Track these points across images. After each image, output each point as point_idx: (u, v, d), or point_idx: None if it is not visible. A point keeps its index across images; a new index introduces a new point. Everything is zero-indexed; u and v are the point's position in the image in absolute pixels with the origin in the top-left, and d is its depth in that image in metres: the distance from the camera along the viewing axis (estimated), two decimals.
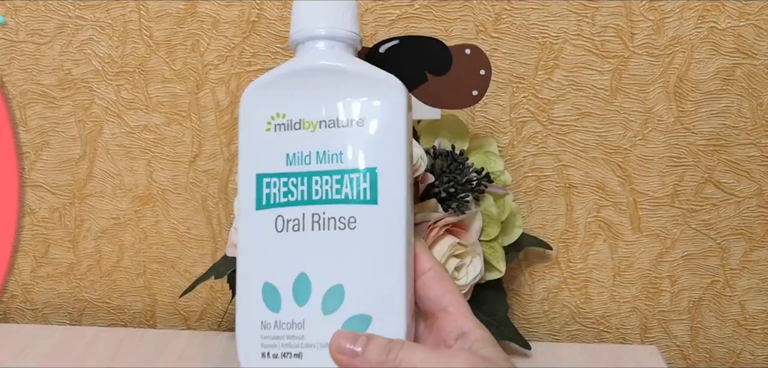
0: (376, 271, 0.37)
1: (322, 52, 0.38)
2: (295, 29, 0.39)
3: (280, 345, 0.37)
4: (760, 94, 0.59)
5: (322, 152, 0.37)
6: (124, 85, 0.63)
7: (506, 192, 0.55)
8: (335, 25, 0.38)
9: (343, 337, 0.36)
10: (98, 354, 0.60)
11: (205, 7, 0.60)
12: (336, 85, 0.38)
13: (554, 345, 0.63)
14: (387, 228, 0.37)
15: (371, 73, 0.38)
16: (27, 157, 0.65)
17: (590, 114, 0.60)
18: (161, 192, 0.65)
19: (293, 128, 0.38)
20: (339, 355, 0.35)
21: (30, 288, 0.68)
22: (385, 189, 0.37)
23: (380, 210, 0.37)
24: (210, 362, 0.59)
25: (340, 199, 0.37)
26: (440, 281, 0.38)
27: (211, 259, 0.66)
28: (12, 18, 0.62)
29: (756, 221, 0.62)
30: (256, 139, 0.38)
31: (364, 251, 0.37)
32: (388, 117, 0.37)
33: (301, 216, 0.37)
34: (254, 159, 0.38)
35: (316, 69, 0.38)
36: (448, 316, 0.37)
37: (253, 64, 0.61)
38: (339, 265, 0.37)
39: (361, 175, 0.37)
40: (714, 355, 0.65)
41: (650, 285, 0.63)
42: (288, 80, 0.38)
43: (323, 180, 0.37)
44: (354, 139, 0.37)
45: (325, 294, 0.37)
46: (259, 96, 0.39)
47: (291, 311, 0.37)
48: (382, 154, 0.37)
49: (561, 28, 0.59)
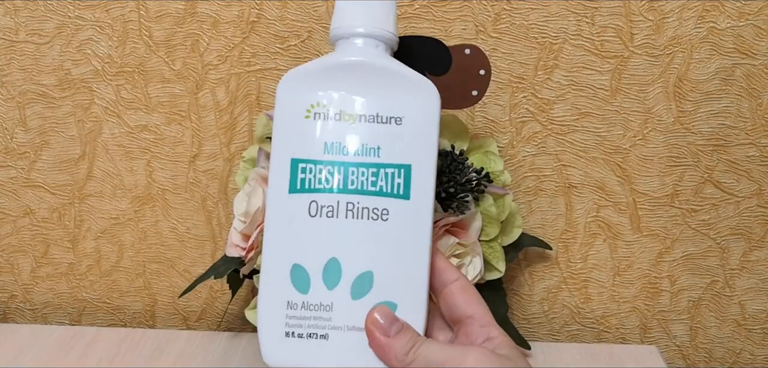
0: (404, 262, 0.39)
1: (362, 49, 0.40)
2: (336, 25, 0.41)
3: (306, 325, 0.38)
4: (760, 94, 0.59)
5: (361, 145, 0.39)
6: (124, 85, 0.63)
7: (506, 192, 0.55)
8: (377, 25, 0.40)
9: (382, 313, 0.38)
10: (98, 355, 0.60)
11: (204, 7, 0.60)
12: (376, 82, 0.39)
13: (554, 345, 0.63)
14: (417, 222, 0.39)
15: (409, 74, 0.40)
16: (26, 156, 0.65)
17: (590, 114, 0.60)
18: (161, 193, 0.65)
19: (333, 119, 0.39)
20: (371, 326, 0.37)
21: (29, 288, 0.68)
22: (417, 185, 0.39)
23: (412, 205, 0.39)
24: (209, 362, 0.59)
25: (374, 191, 0.39)
26: (466, 291, 0.40)
27: (210, 259, 0.66)
28: (11, 18, 0.62)
29: (756, 221, 0.62)
30: (293, 125, 0.39)
31: (395, 242, 0.39)
32: (423, 117, 0.39)
33: (336, 204, 0.39)
34: (291, 144, 0.39)
35: (358, 65, 0.40)
36: (475, 323, 0.39)
37: (253, 64, 0.61)
38: (370, 253, 0.39)
39: (396, 171, 0.39)
40: (713, 355, 0.65)
41: (650, 285, 0.63)
42: (330, 72, 0.40)
43: (359, 172, 0.39)
44: (391, 135, 0.39)
45: (355, 279, 0.38)
46: (300, 84, 0.40)
47: (320, 293, 0.38)
48: (416, 152, 0.39)
49: (560, 28, 0.59)
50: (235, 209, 0.55)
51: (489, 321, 0.39)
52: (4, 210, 0.66)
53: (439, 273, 0.40)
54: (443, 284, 0.40)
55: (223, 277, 0.58)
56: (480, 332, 0.38)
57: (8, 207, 0.66)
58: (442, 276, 0.40)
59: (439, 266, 0.40)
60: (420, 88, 0.40)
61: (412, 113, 0.39)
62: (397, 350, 0.37)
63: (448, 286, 0.40)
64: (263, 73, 0.61)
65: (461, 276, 0.40)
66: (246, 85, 0.62)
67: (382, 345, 0.37)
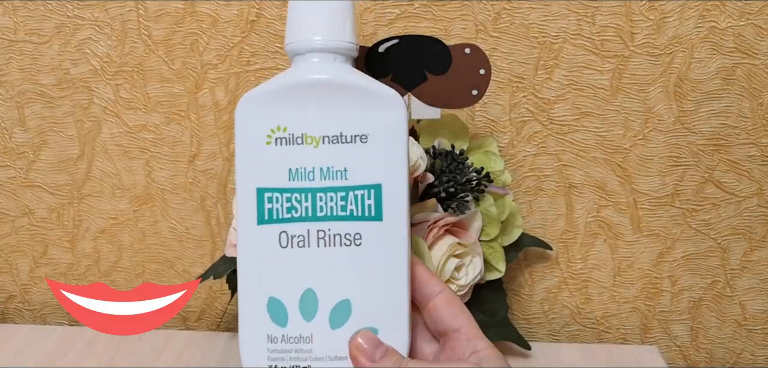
0: (381, 286, 0.38)
1: (321, 65, 0.38)
2: (291, 39, 0.39)
3: (288, 358, 0.38)
4: (761, 93, 0.59)
5: (327, 168, 0.38)
6: (123, 85, 0.62)
7: (506, 192, 0.55)
8: (334, 37, 0.38)
9: (366, 338, 0.37)
10: (97, 355, 0.60)
11: (204, 6, 0.60)
12: (338, 100, 0.38)
13: (554, 345, 0.63)
14: (392, 243, 0.38)
15: (372, 87, 0.38)
16: (25, 156, 0.65)
17: (590, 114, 0.60)
18: (160, 192, 0.65)
19: (295, 143, 0.38)
20: (356, 353, 0.37)
21: (28, 288, 0.68)
22: (389, 205, 0.38)
23: (385, 226, 0.38)
24: (209, 362, 0.59)
25: (345, 216, 0.37)
26: (451, 304, 0.39)
27: (210, 259, 0.66)
28: (10, 17, 0.62)
29: (756, 221, 0.62)
30: (255, 152, 0.38)
31: (370, 267, 0.38)
32: (390, 132, 0.38)
33: (306, 233, 0.37)
34: (254, 172, 0.38)
35: (317, 83, 0.38)
36: (461, 336, 0.38)
37: (252, 63, 0.61)
38: (346, 281, 0.38)
39: (366, 192, 0.37)
40: (714, 355, 0.65)
41: (650, 286, 0.63)
42: (288, 93, 0.38)
43: (328, 196, 0.37)
44: (358, 154, 0.37)
45: (333, 309, 0.38)
46: (258, 107, 0.38)
47: (298, 325, 0.38)
48: (385, 169, 0.38)
49: (561, 27, 0.58)
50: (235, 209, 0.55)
51: (475, 334, 0.38)
52: (2, 210, 0.66)
53: (422, 286, 0.39)
54: (427, 297, 0.39)
55: (223, 277, 0.58)
56: (466, 345, 0.37)
57: (7, 208, 0.66)
58: (425, 288, 0.39)
59: (422, 278, 0.39)
60: (384, 100, 0.38)
61: (377, 129, 0.37)
62: None
63: (433, 299, 0.39)
64: (263, 72, 0.61)
65: (445, 288, 0.39)
66: (245, 84, 0.61)
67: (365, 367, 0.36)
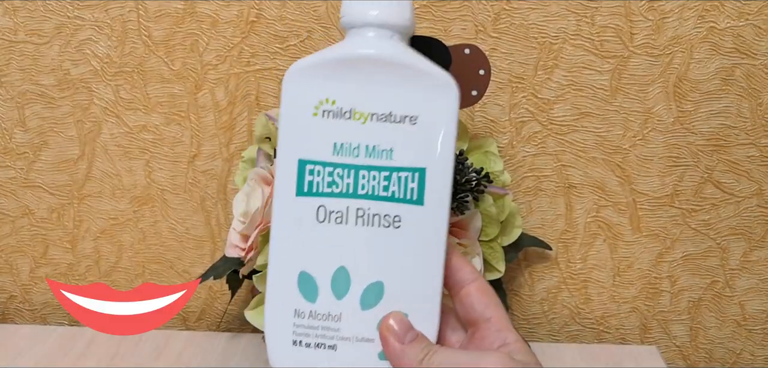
0: (416, 272, 0.37)
1: (375, 40, 0.37)
2: (347, 11, 0.37)
3: (314, 335, 0.37)
4: (760, 94, 0.59)
5: (372, 146, 0.37)
6: (123, 85, 0.62)
7: (506, 192, 0.55)
8: (391, 13, 0.37)
9: (397, 320, 0.37)
10: (97, 355, 0.60)
11: (203, 6, 0.60)
12: (390, 78, 0.36)
13: (554, 345, 0.63)
14: (431, 230, 0.37)
15: (425, 68, 0.37)
16: (26, 157, 0.65)
17: (590, 114, 0.60)
18: (160, 193, 0.65)
19: (343, 117, 0.37)
20: (386, 332, 0.36)
21: (28, 288, 0.68)
22: (432, 190, 0.37)
23: (426, 211, 0.37)
24: (209, 362, 0.59)
25: (386, 197, 0.37)
26: (484, 293, 0.38)
27: (210, 260, 0.66)
28: (10, 18, 0.62)
29: (756, 221, 0.62)
30: (300, 123, 0.37)
31: (407, 251, 0.37)
32: (440, 116, 0.37)
33: (345, 209, 0.37)
34: (297, 143, 0.37)
35: (370, 58, 0.37)
36: (491, 326, 0.37)
37: (253, 63, 0.61)
38: (380, 263, 0.37)
39: (410, 175, 0.37)
40: (714, 355, 0.65)
41: (650, 286, 0.63)
42: (339, 65, 0.37)
43: (371, 175, 0.36)
44: (405, 136, 0.36)
45: (365, 289, 0.37)
46: (307, 77, 0.37)
47: (328, 303, 0.37)
48: (431, 154, 0.37)
49: (560, 28, 0.59)
50: (235, 209, 0.55)
51: (505, 325, 0.37)
52: (3, 211, 0.66)
53: (456, 272, 0.38)
54: (460, 284, 0.38)
55: (223, 278, 0.58)
56: (496, 336, 0.37)
57: (7, 208, 0.66)
58: (458, 275, 0.38)
59: (456, 265, 0.38)
60: (437, 83, 0.37)
61: (428, 111, 0.36)
62: (410, 357, 0.36)
63: (466, 287, 0.38)
64: (263, 73, 0.61)
65: (479, 277, 0.39)
66: (245, 85, 0.62)
67: (396, 351, 0.36)
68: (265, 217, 0.50)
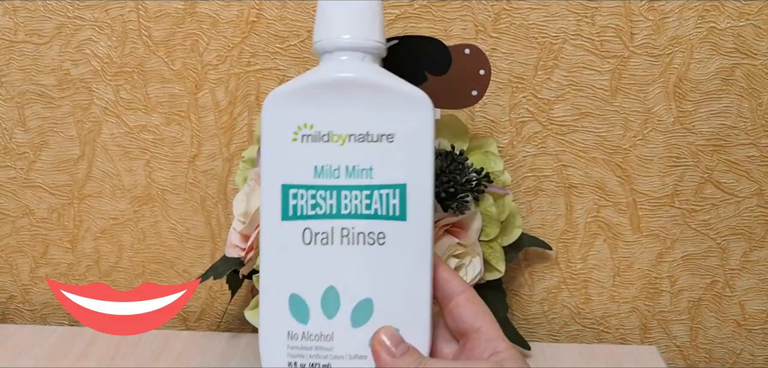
0: (404, 286, 0.38)
1: (349, 63, 0.38)
2: (320, 37, 0.38)
3: (308, 355, 0.38)
4: (760, 94, 0.59)
5: (352, 166, 0.37)
6: (123, 85, 0.62)
7: (506, 192, 0.55)
8: (362, 36, 0.38)
9: (388, 334, 0.37)
10: (97, 355, 0.60)
11: (204, 6, 0.60)
12: (365, 99, 0.37)
13: (554, 345, 0.63)
14: (415, 244, 0.38)
15: (400, 87, 0.38)
16: (26, 157, 0.65)
17: (590, 114, 0.60)
18: (160, 193, 0.65)
19: (321, 140, 0.38)
20: (378, 347, 0.37)
21: (28, 288, 0.68)
22: (414, 205, 0.37)
23: (409, 226, 0.37)
24: (209, 363, 0.59)
25: (369, 215, 0.37)
26: (473, 304, 0.39)
27: (210, 260, 0.66)
28: (10, 18, 0.62)
29: (756, 221, 0.62)
30: (281, 148, 0.38)
31: (393, 266, 0.37)
32: (417, 133, 0.38)
33: (330, 230, 0.37)
34: (280, 169, 0.38)
35: (344, 81, 0.38)
36: (481, 336, 0.38)
37: (253, 64, 0.61)
38: (368, 280, 0.38)
39: (391, 191, 0.37)
40: (714, 355, 0.65)
41: (650, 286, 0.63)
42: (316, 90, 0.38)
43: (353, 194, 0.37)
44: (383, 154, 0.37)
45: (355, 307, 0.38)
46: (285, 104, 0.38)
47: (319, 323, 0.38)
48: (411, 170, 0.38)
49: (560, 28, 0.59)
50: (235, 209, 0.55)
51: (496, 335, 0.38)
52: (3, 211, 0.66)
53: (444, 285, 0.39)
54: (449, 297, 0.39)
55: (223, 278, 0.58)
56: (486, 346, 0.37)
57: (7, 208, 0.66)
58: (447, 287, 0.39)
59: (444, 277, 0.39)
60: (411, 101, 0.38)
61: (404, 129, 0.37)
62: None
63: (454, 298, 0.39)
64: (263, 73, 0.61)
65: (467, 288, 0.39)
66: (245, 85, 0.62)
67: (388, 365, 0.36)
68: None
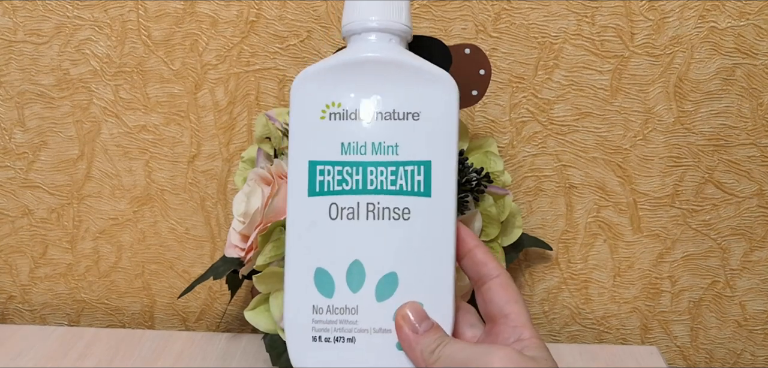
0: (428, 261, 0.38)
1: (376, 44, 0.39)
2: (348, 20, 0.40)
3: (333, 329, 0.38)
4: (761, 94, 0.59)
5: (378, 143, 0.38)
6: (123, 85, 0.62)
7: (506, 192, 0.55)
8: (390, 18, 0.39)
9: (413, 310, 0.37)
10: (97, 356, 0.60)
11: (203, 6, 0.60)
12: (391, 78, 0.39)
13: (554, 345, 0.63)
14: (439, 219, 0.38)
15: (425, 67, 0.39)
16: (25, 157, 0.65)
17: (590, 114, 0.60)
18: (160, 193, 0.64)
19: (349, 118, 0.39)
20: (401, 321, 0.37)
21: (28, 289, 0.68)
22: (438, 182, 0.38)
23: (433, 202, 0.38)
24: (208, 363, 0.59)
25: (394, 191, 0.38)
26: (506, 289, 0.39)
27: (209, 260, 0.66)
28: (10, 18, 0.62)
29: (756, 221, 0.62)
30: (309, 126, 0.39)
31: (418, 241, 0.38)
32: (442, 111, 0.39)
33: (356, 205, 0.38)
34: (307, 146, 0.39)
35: (372, 60, 0.39)
36: (508, 322, 0.38)
37: (252, 63, 0.61)
38: (393, 254, 0.38)
39: (416, 168, 0.38)
40: (714, 356, 0.65)
41: (650, 286, 0.63)
42: (343, 70, 0.39)
43: (378, 170, 0.38)
44: (409, 131, 0.38)
45: (379, 281, 0.38)
46: (314, 83, 0.39)
47: (344, 296, 0.38)
48: (435, 147, 0.38)
49: (561, 27, 0.58)
50: (234, 209, 0.55)
51: (523, 322, 0.38)
52: (2, 211, 0.66)
53: (480, 267, 0.39)
54: (483, 279, 0.39)
55: (222, 278, 0.58)
56: (512, 332, 0.37)
57: (7, 208, 0.66)
58: (482, 269, 0.39)
59: (481, 259, 0.39)
60: (437, 81, 0.39)
61: (429, 107, 0.38)
62: (423, 347, 0.36)
63: (488, 282, 0.39)
64: (262, 72, 0.61)
65: (502, 272, 0.39)
66: (245, 85, 0.61)
67: (409, 340, 0.37)
68: (265, 217, 0.50)
